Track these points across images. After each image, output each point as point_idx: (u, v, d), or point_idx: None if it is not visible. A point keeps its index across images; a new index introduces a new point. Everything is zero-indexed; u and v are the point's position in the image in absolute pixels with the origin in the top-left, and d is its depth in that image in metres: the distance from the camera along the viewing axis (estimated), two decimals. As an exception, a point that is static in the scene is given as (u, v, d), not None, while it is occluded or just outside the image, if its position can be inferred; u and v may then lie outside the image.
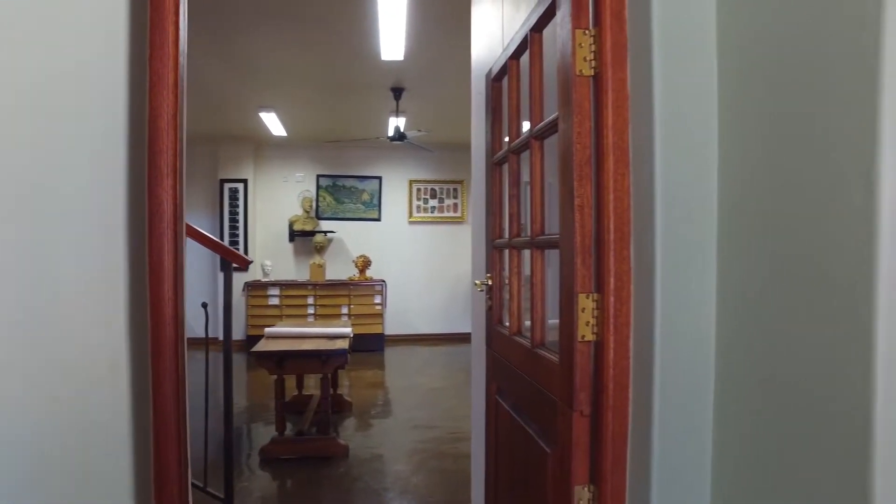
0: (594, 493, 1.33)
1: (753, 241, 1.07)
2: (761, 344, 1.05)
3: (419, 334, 8.55)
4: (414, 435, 4.39)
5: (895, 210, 0.82)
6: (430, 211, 8.71)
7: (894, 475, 0.81)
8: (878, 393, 0.81)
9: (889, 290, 0.81)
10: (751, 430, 1.08)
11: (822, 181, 0.91)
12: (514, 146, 1.90)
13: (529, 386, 1.66)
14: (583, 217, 1.30)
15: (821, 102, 0.92)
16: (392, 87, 5.38)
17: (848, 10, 0.87)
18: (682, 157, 1.16)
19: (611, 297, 1.24)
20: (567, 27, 1.38)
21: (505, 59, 1.97)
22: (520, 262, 1.91)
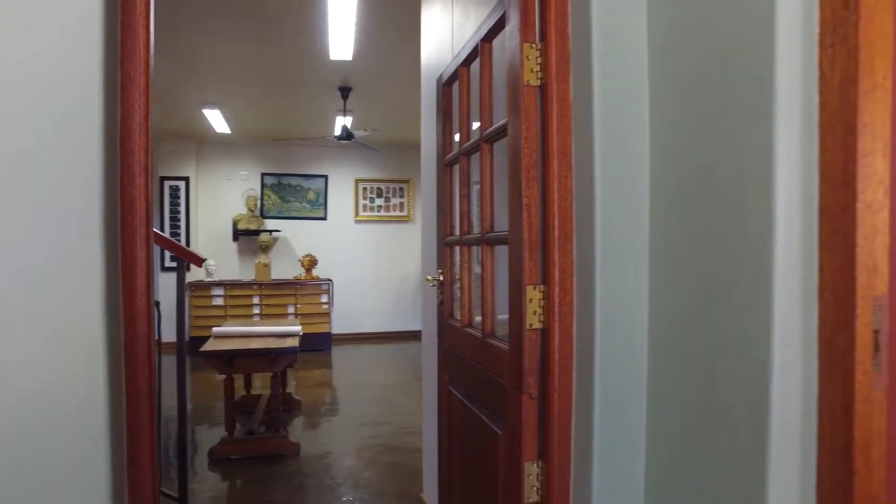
0: (542, 468, 1.45)
1: (678, 236, 1.22)
2: (685, 326, 1.19)
3: (367, 333, 8.57)
4: (364, 431, 4.44)
5: (788, 211, 0.98)
6: (376, 210, 8.74)
7: (785, 426, 0.97)
8: (774, 362, 0.97)
9: (783, 273, 0.97)
10: (678, 402, 1.22)
11: (732, 185, 1.06)
12: (465, 148, 2.01)
13: (481, 373, 1.77)
14: (530, 215, 1.42)
15: (731, 116, 1.07)
16: (340, 86, 5.40)
17: (750, 37, 1.02)
18: (618, 160, 1.29)
19: (556, 288, 1.37)
20: (516, 40, 1.49)
21: (456, 65, 2.07)
22: (470, 258, 2.02)
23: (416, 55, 3.37)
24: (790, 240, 0.98)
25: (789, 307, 0.98)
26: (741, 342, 1.03)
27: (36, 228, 1.08)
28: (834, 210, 0.95)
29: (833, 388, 0.94)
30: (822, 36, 0.97)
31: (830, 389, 0.95)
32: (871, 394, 0.93)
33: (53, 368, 1.08)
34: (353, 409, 5.12)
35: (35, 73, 1.08)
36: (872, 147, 0.92)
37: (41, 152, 1.08)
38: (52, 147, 1.08)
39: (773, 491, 0.97)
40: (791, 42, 0.98)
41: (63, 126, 1.10)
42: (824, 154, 0.96)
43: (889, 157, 0.94)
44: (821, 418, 0.96)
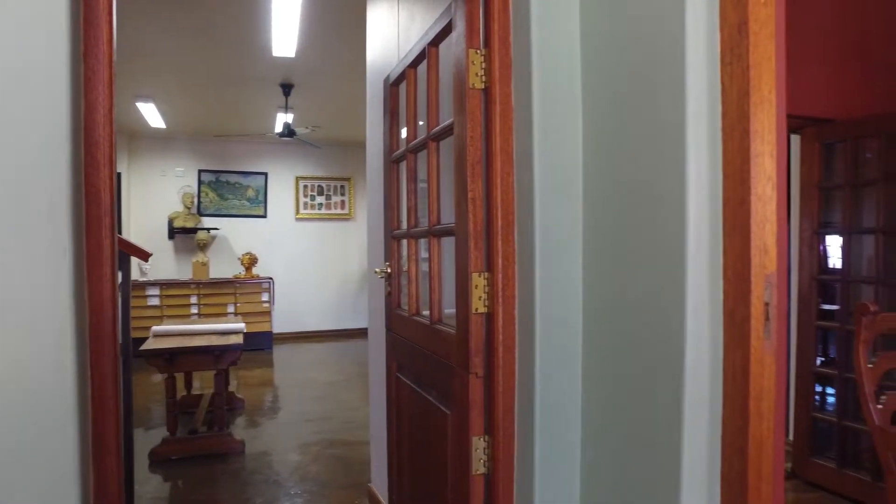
0: (489, 442, 1.57)
1: (607, 225, 1.37)
2: (613, 304, 1.34)
3: (309, 331, 8.52)
4: (310, 427, 4.46)
5: (697, 202, 1.14)
6: (317, 208, 8.69)
7: (697, 384, 1.13)
8: (687, 330, 1.12)
9: (694, 255, 1.13)
10: (608, 371, 1.37)
11: (652, 181, 1.22)
12: (412, 146, 2.11)
13: (429, 358, 1.88)
14: (475, 208, 1.54)
15: (651, 121, 1.23)
16: (282, 82, 5.37)
17: (665, 53, 1.18)
18: (556, 158, 1.43)
19: (499, 274, 1.49)
20: (462, 46, 1.61)
21: (403, 67, 2.16)
22: (417, 250, 2.13)
23: (359, 54, 3.43)
24: (699, 227, 1.14)
25: (699, 284, 1.14)
26: (661, 315, 1.19)
27: (7, 218, 1.09)
28: (734, 202, 1.11)
29: (734, 351, 1.11)
30: (722, 55, 1.14)
31: (732, 353, 1.12)
32: (763, 356, 1.11)
33: (22, 352, 1.09)
34: (297, 406, 5.12)
35: (3, 65, 1.09)
36: (762, 149, 1.09)
37: (10, 144, 1.09)
38: (22, 139, 1.09)
39: (687, 436, 1.13)
40: (698, 57, 1.14)
41: (31, 118, 1.12)
42: (726, 155, 1.13)
43: (775, 158, 1.11)
44: (725, 376, 1.13)
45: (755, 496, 1.12)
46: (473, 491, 1.58)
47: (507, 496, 1.53)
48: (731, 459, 1.13)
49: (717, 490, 1.16)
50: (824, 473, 3.33)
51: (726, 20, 1.13)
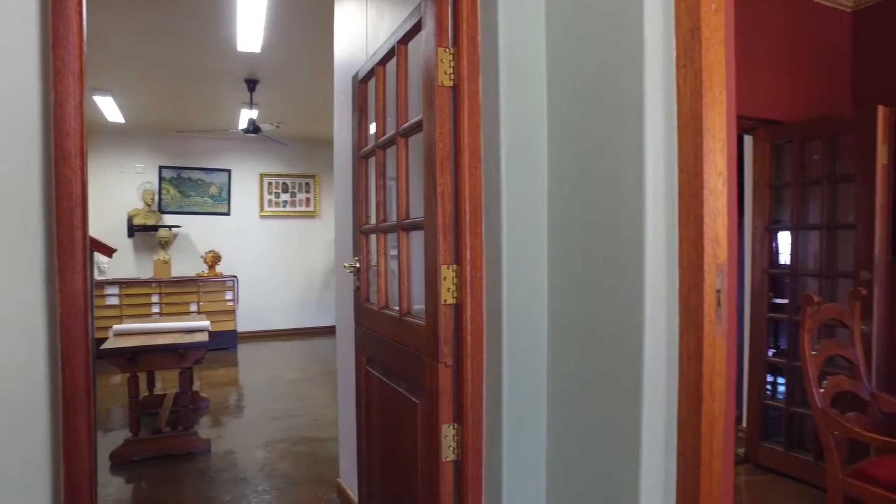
0: (458, 430, 1.62)
1: (571, 218, 1.43)
2: (577, 294, 1.41)
3: (274, 330, 8.42)
4: (276, 425, 4.43)
5: (655, 196, 1.21)
6: (282, 205, 8.60)
7: (655, 366, 1.20)
8: (646, 316, 1.19)
9: (652, 246, 1.20)
10: (573, 358, 1.44)
11: (613, 176, 1.29)
12: (381, 142, 2.14)
13: (399, 350, 1.92)
14: (444, 202, 1.59)
15: (611, 119, 1.29)
16: (246, 78, 5.30)
17: (625, 55, 1.24)
18: (522, 154, 1.49)
19: (467, 266, 1.54)
20: (431, 44, 1.65)
21: (372, 64, 2.19)
22: (386, 245, 2.16)
23: (326, 50, 3.43)
24: (657, 218, 1.21)
25: (657, 273, 1.21)
26: (622, 302, 1.25)
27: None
28: (688, 195, 1.19)
29: (688, 335, 1.19)
30: (677, 58, 1.21)
31: (687, 337, 1.19)
32: (714, 340, 1.19)
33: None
34: (263, 404, 5.07)
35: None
36: (714, 146, 1.17)
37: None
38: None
39: (646, 415, 1.20)
40: (655, 60, 1.21)
41: (2, 109, 1.10)
42: (681, 151, 1.20)
43: (726, 155, 1.19)
44: (680, 359, 1.20)
45: (707, 470, 1.20)
46: (443, 477, 1.63)
47: (476, 482, 1.58)
48: (687, 436, 1.21)
49: (673, 465, 1.24)
50: (773, 456, 3.50)
51: (681, 26, 1.21)
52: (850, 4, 3.64)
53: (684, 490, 1.22)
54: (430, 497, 1.68)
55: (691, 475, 1.20)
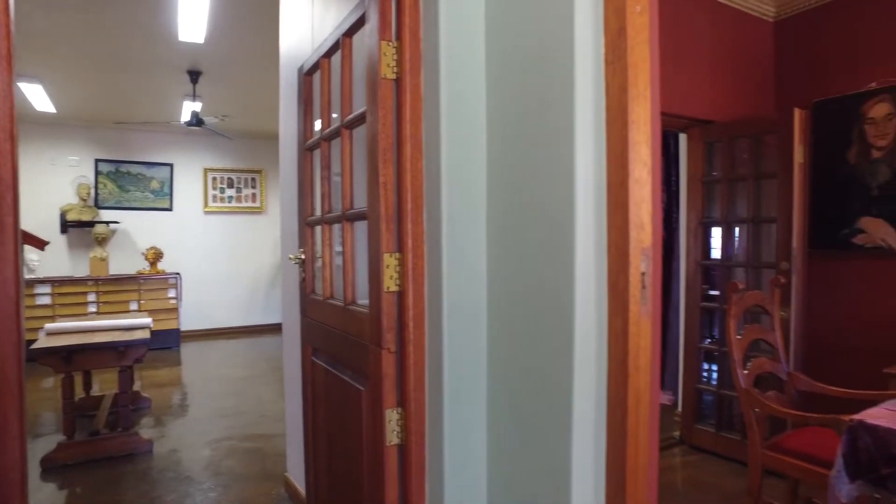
0: (401, 414, 1.66)
1: (508, 207, 1.49)
2: (514, 279, 1.47)
3: (219, 328, 8.23)
4: (223, 423, 4.36)
5: (585, 185, 1.28)
6: (227, 201, 8.40)
7: (585, 344, 1.28)
8: (577, 298, 1.27)
9: (583, 232, 1.27)
10: (510, 340, 1.50)
11: (546, 167, 1.35)
12: (326, 134, 2.15)
13: (344, 339, 1.94)
14: (387, 192, 1.62)
15: (545, 113, 1.36)
16: (189, 69, 5.16)
17: (557, 52, 1.31)
18: (462, 145, 1.54)
19: (409, 254, 1.58)
20: (375, 38, 1.67)
21: (318, 56, 2.20)
22: (331, 236, 2.17)
23: (271, 42, 3.39)
24: (586, 206, 1.29)
25: (587, 258, 1.29)
26: (554, 285, 1.32)
27: None
28: (615, 184, 1.27)
29: (616, 315, 1.27)
30: (606, 55, 1.29)
31: (614, 317, 1.27)
32: (639, 319, 1.27)
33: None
34: (209, 402, 4.97)
35: None
36: (639, 138, 1.25)
37: None
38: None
39: (577, 392, 1.28)
40: (586, 57, 1.29)
41: None
42: (609, 142, 1.28)
43: (650, 146, 1.28)
44: (609, 337, 1.28)
45: (633, 441, 1.28)
46: (388, 461, 1.66)
47: (420, 464, 1.63)
48: (615, 409, 1.29)
49: (603, 437, 1.32)
50: (706, 437, 3.71)
51: (609, 25, 1.29)
52: (772, 14, 3.89)
53: (613, 460, 1.31)
54: (375, 481, 1.71)
55: (619, 446, 1.29)
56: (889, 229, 3.41)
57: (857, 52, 3.53)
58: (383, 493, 1.67)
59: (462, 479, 1.57)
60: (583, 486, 1.31)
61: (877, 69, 3.43)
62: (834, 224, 3.64)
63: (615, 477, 1.30)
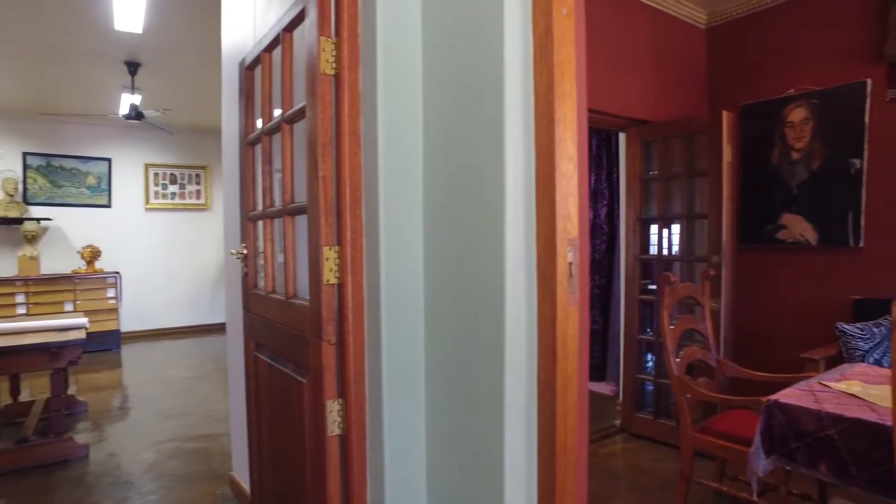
0: (342, 404, 1.68)
1: (443, 201, 1.54)
2: (449, 269, 1.52)
3: (163, 328, 7.97)
4: (166, 424, 4.24)
5: (514, 178, 1.34)
6: (170, 197, 8.15)
7: (516, 331, 1.33)
8: (507, 287, 1.32)
9: (512, 223, 1.33)
10: (446, 329, 1.55)
11: (477, 161, 1.40)
12: (267, 128, 2.14)
13: (286, 332, 1.95)
14: (326, 186, 1.64)
15: (477, 111, 1.41)
16: (126, 60, 4.98)
17: (488, 52, 1.36)
18: (399, 140, 1.57)
19: (348, 247, 1.61)
20: (314, 33, 1.69)
21: (259, 51, 2.18)
22: (273, 230, 2.17)
23: (213, 35, 3.32)
24: (517, 199, 1.34)
25: (517, 248, 1.34)
26: (486, 275, 1.38)
27: None
28: (543, 178, 1.33)
29: (545, 303, 1.33)
30: (534, 55, 1.35)
31: (543, 304, 1.34)
32: (567, 307, 1.34)
33: None
34: (152, 404, 4.82)
35: None
36: (565, 135, 1.32)
37: None
38: None
39: (509, 376, 1.33)
40: (514, 57, 1.34)
41: None
42: (537, 138, 1.34)
43: (576, 142, 1.34)
44: (539, 324, 1.34)
45: (563, 424, 1.35)
46: (329, 452, 1.68)
47: (361, 454, 1.66)
48: (545, 393, 1.35)
49: (534, 422, 1.38)
50: (645, 425, 3.88)
51: (537, 27, 1.35)
52: (704, 22, 4.09)
53: (544, 443, 1.37)
54: (318, 472, 1.73)
55: (549, 429, 1.35)
56: (807, 225, 3.66)
57: (779, 59, 3.76)
58: (325, 484, 1.69)
59: (403, 467, 1.60)
60: (516, 468, 1.37)
61: (796, 76, 3.66)
62: (760, 220, 3.87)
63: (546, 458, 1.37)
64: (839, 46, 3.47)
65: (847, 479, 1.87)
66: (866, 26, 3.34)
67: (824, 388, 2.20)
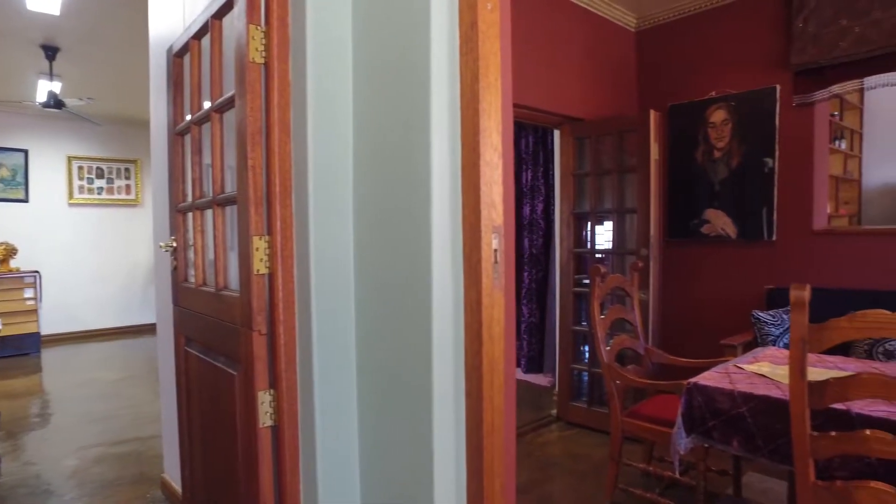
0: (274, 395, 1.67)
1: (373, 190, 1.55)
2: (378, 257, 1.54)
3: (90, 330, 7.58)
4: (92, 429, 4.05)
5: (441, 168, 1.37)
6: (96, 192, 7.74)
7: (443, 315, 1.37)
8: (434, 273, 1.36)
9: (439, 211, 1.36)
10: (376, 314, 1.56)
11: (406, 151, 1.43)
12: (196, 118, 2.09)
13: (216, 325, 1.91)
14: (255, 175, 1.62)
15: (405, 102, 1.44)
16: (43, 44, 4.69)
17: (415, 43, 1.39)
18: (329, 130, 1.58)
19: (278, 237, 1.60)
20: (243, 21, 1.66)
21: (187, 37, 2.12)
22: (203, 222, 2.12)
23: (140, 19, 3.19)
24: (443, 188, 1.38)
25: (443, 235, 1.38)
26: (414, 262, 1.41)
27: None
28: (468, 167, 1.37)
29: (471, 288, 1.37)
30: (461, 47, 1.38)
31: (469, 289, 1.38)
32: (492, 292, 1.38)
33: None
34: (75, 409, 4.58)
35: None
36: (489, 125, 1.36)
37: None
38: None
39: (436, 360, 1.37)
40: (441, 49, 1.37)
41: None
42: (463, 128, 1.38)
43: (500, 132, 1.39)
44: (465, 309, 1.38)
45: (489, 405, 1.40)
46: (261, 443, 1.67)
47: (293, 444, 1.65)
48: (471, 376, 1.39)
49: (462, 405, 1.42)
50: (580, 413, 4.02)
51: (463, 20, 1.38)
52: (634, 25, 4.27)
53: (471, 425, 1.41)
54: (250, 464, 1.71)
55: (476, 411, 1.39)
56: (727, 220, 3.89)
57: (702, 63, 3.97)
58: (257, 476, 1.68)
59: (336, 454, 1.61)
60: (445, 450, 1.41)
61: (717, 79, 3.89)
62: (686, 215, 4.08)
63: (473, 439, 1.41)
64: (753, 53, 3.71)
65: (755, 451, 2.02)
66: (775, 36, 3.59)
67: (738, 370, 2.36)
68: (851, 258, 3.40)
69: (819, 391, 1.61)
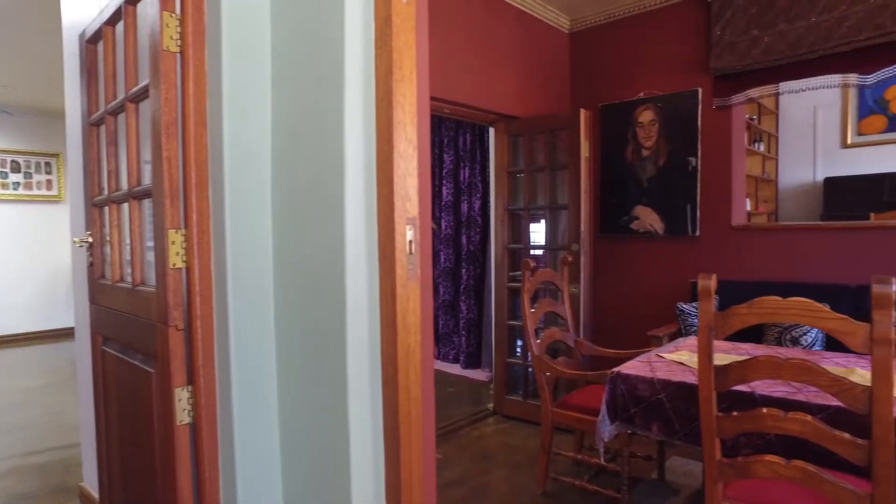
0: (191, 392, 1.63)
1: (289, 182, 1.54)
2: (295, 249, 1.53)
3: (7, 335, 7.13)
4: (7, 439, 3.81)
5: (354, 160, 1.38)
6: (12, 188, 7.28)
7: (357, 305, 1.38)
8: (347, 263, 1.36)
9: (353, 203, 1.37)
10: (294, 305, 1.56)
11: (321, 145, 1.43)
12: (111, 108, 2.01)
13: (133, 322, 1.84)
14: (171, 167, 1.58)
15: (321, 93, 1.44)
16: (-51, 28, 4.38)
17: (330, 35, 1.39)
18: (245, 122, 1.56)
19: (195, 230, 1.56)
20: (156, 7, 1.61)
21: (100, 23, 2.04)
22: (120, 216, 2.04)
23: (56, 4, 3.03)
24: (357, 180, 1.39)
25: (357, 227, 1.39)
26: (329, 254, 1.41)
27: None
28: (383, 159, 1.38)
29: (386, 279, 1.39)
30: (376, 41, 1.40)
31: (384, 280, 1.39)
32: (407, 283, 1.40)
33: None
34: (-11, 418, 4.31)
35: None
36: (403, 118, 1.38)
37: None
38: None
39: (351, 351, 1.37)
40: (355, 42, 1.38)
41: None
42: (378, 121, 1.39)
43: (415, 125, 1.41)
44: (381, 300, 1.40)
45: (405, 395, 1.41)
46: (179, 441, 1.63)
47: (212, 440, 1.62)
48: (387, 366, 1.41)
49: (379, 394, 1.43)
50: (515, 406, 4.10)
51: (378, 14, 1.39)
52: (567, 26, 4.39)
53: (388, 415, 1.43)
54: (166, 463, 1.66)
55: (392, 399, 1.41)
56: (655, 217, 4.06)
57: (631, 64, 4.13)
58: (175, 476, 1.63)
59: (255, 451, 1.59)
60: (362, 439, 1.42)
61: (645, 81, 4.05)
62: (617, 212, 4.23)
63: (390, 427, 1.42)
64: (678, 57, 3.89)
65: (673, 434, 2.13)
66: (698, 42, 3.78)
67: (659, 358, 2.47)
68: (767, 252, 3.62)
69: (723, 374, 1.72)
